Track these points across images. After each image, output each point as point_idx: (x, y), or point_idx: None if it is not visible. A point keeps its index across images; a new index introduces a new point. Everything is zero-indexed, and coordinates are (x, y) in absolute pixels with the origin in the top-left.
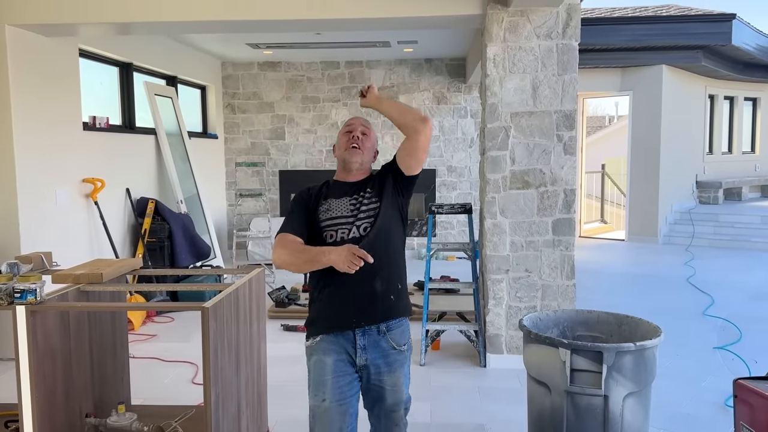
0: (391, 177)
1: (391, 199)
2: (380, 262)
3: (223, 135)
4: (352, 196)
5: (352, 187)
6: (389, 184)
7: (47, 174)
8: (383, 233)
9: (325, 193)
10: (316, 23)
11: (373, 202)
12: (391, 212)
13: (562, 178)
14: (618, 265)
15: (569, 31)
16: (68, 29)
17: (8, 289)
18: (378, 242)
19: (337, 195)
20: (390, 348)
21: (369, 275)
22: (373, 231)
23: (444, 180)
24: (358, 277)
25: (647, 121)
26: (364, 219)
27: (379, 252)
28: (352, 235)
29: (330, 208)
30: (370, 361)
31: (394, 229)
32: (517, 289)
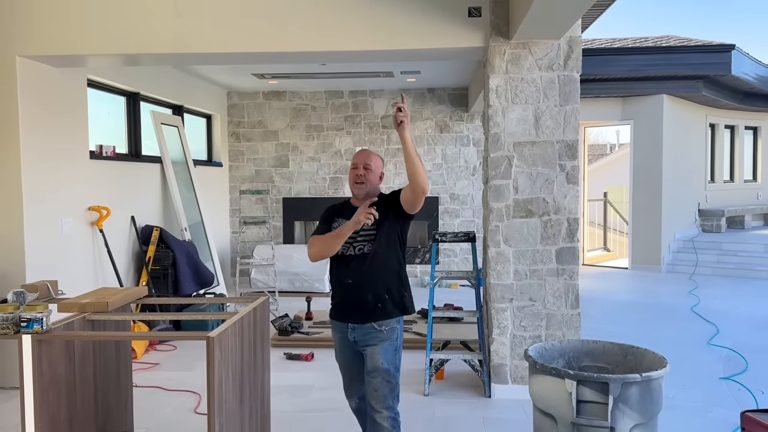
0: (393, 210)
1: (390, 227)
2: (372, 279)
3: (228, 163)
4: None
5: (357, 210)
6: (391, 215)
7: (53, 202)
8: (376, 258)
9: (340, 212)
10: (322, 55)
11: (372, 228)
12: (386, 239)
13: (565, 207)
14: (622, 294)
15: (570, 63)
16: (77, 60)
17: (14, 318)
18: (371, 264)
19: (347, 216)
20: (371, 328)
21: (363, 288)
22: (368, 257)
23: (447, 207)
24: (354, 292)
25: (649, 150)
26: (361, 241)
27: (370, 272)
28: (349, 252)
29: (338, 227)
30: (357, 338)
31: (387, 253)
32: (521, 318)
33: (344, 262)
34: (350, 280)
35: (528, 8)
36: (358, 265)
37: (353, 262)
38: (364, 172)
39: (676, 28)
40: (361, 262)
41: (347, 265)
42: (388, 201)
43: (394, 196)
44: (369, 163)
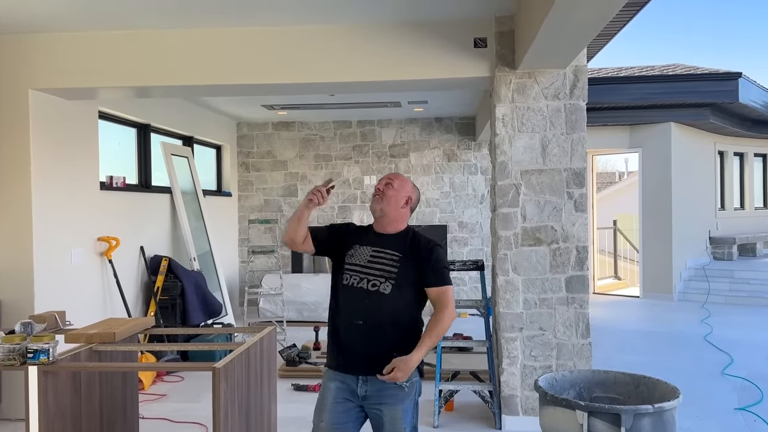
0: (419, 271)
1: (411, 277)
2: (389, 323)
3: (237, 193)
4: (375, 246)
5: (380, 239)
6: (414, 262)
7: (63, 233)
8: (395, 300)
9: (359, 236)
10: (330, 86)
11: (392, 266)
12: (406, 282)
13: (574, 235)
14: (633, 323)
15: (576, 92)
16: (88, 93)
17: (21, 349)
18: (389, 306)
19: (364, 242)
20: (390, 384)
21: (374, 337)
22: (385, 297)
23: (455, 236)
24: (364, 336)
25: (657, 178)
26: (377, 276)
27: (381, 309)
28: (360, 284)
29: (354, 254)
30: (369, 393)
31: (407, 298)
32: (531, 348)
33: (353, 296)
34: (361, 322)
35: (533, 39)
36: (371, 303)
37: (363, 298)
38: (384, 188)
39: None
40: (372, 301)
41: (356, 301)
42: (416, 249)
43: (423, 258)
44: (393, 180)
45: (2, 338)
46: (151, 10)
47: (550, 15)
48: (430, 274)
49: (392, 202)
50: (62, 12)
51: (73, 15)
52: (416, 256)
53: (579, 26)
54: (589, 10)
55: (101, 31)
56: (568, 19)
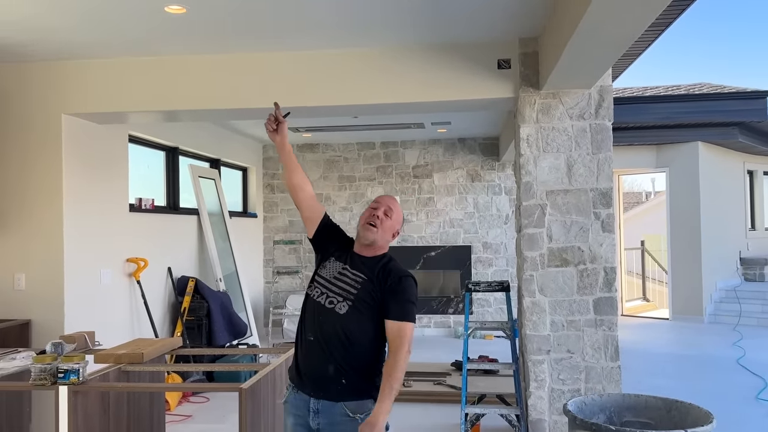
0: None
1: (374, 299)
2: (335, 349)
3: (263, 214)
4: (346, 264)
5: (353, 259)
6: (378, 290)
7: (93, 254)
8: (348, 322)
9: (338, 250)
10: (354, 108)
11: (353, 287)
12: (365, 310)
13: (601, 256)
14: (663, 346)
15: (602, 112)
16: (119, 117)
17: (52, 369)
18: (341, 327)
19: (339, 258)
20: (343, 415)
21: (323, 356)
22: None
23: (480, 256)
24: (314, 353)
25: (685, 198)
26: (336, 294)
27: (335, 329)
28: (319, 299)
29: (326, 266)
30: (321, 426)
31: (359, 325)
32: (559, 371)
33: (312, 311)
34: (312, 337)
35: (557, 60)
36: (324, 321)
37: (318, 314)
38: (383, 217)
39: (709, 76)
40: (325, 318)
41: (312, 315)
42: (383, 278)
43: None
44: (392, 208)
45: (34, 358)
46: (178, 36)
47: (574, 37)
48: (393, 304)
49: (387, 233)
50: (92, 40)
51: (103, 42)
52: (381, 282)
53: (603, 48)
54: (613, 32)
55: (130, 57)
56: (592, 41)
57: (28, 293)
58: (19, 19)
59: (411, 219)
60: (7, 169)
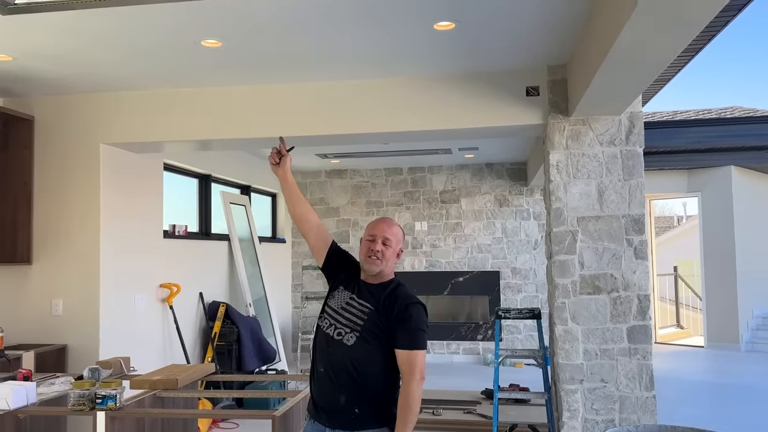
0: (389, 317)
1: (381, 329)
2: (344, 380)
3: (291, 239)
4: (353, 294)
5: (361, 288)
6: (385, 320)
7: (128, 280)
8: (356, 353)
9: (346, 278)
10: (384, 136)
11: (360, 317)
12: (373, 340)
13: (634, 283)
14: (698, 374)
15: (633, 138)
16: (155, 146)
17: (90, 394)
18: (346, 354)
19: (348, 287)
20: None
21: (334, 387)
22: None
23: (508, 282)
24: (326, 384)
25: (719, 223)
26: (344, 325)
27: (343, 361)
28: (328, 330)
29: (335, 296)
30: None
31: (368, 355)
32: (593, 401)
33: (321, 342)
34: (322, 369)
35: (586, 87)
36: (333, 353)
37: (326, 345)
38: (383, 249)
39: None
40: (334, 350)
41: (321, 346)
42: (390, 307)
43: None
44: (389, 237)
45: (73, 384)
46: (213, 69)
47: (603, 65)
48: (401, 333)
49: (391, 260)
50: (131, 73)
51: (141, 75)
52: (388, 310)
53: (633, 76)
54: (643, 60)
55: (167, 88)
56: (622, 70)
57: (65, 319)
58: (62, 53)
59: (439, 244)
60: (47, 197)
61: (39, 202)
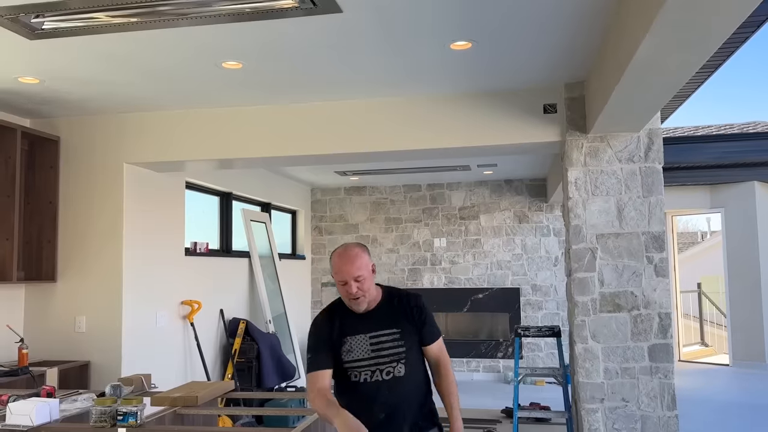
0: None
1: (414, 339)
2: (409, 406)
3: (310, 256)
4: (369, 333)
5: (367, 322)
6: (412, 327)
7: (150, 297)
8: (410, 380)
9: (340, 328)
10: (403, 153)
11: (397, 345)
12: (415, 355)
13: (655, 301)
14: (723, 393)
15: (652, 155)
16: (176, 166)
17: (112, 411)
18: (405, 388)
19: (352, 331)
20: None
21: (400, 424)
22: (401, 381)
23: (529, 299)
24: (391, 426)
25: (743, 239)
26: (387, 363)
27: (405, 398)
28: (375, 378)
29: (351, 349)
30: None
31: (418, 370)
32: (614, 420)
33: (370, 392)
34: (383, 415)
35: (604, 105)
36: (391, 392)
37: (383, 390)
38: (358, 285)
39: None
40: (392, 389)
41: (376, 396)
42: (409, 313)
43: (417, 319)
44: (358, 273)
45: (95, 401)
46: (233, 89)
47: (621, 83)
48: (427, 332)
49: (371, 287)
50: (153, 94)
51: (163, 96)
52: (410, 320)
53: (651, 93)
54: (661, 77)
55: (188, 109)
56: (640, 87)
57: (88, 335)
58: (85, 75)
59: (458, 261)
60: (72, 216)
61: (64, 221)
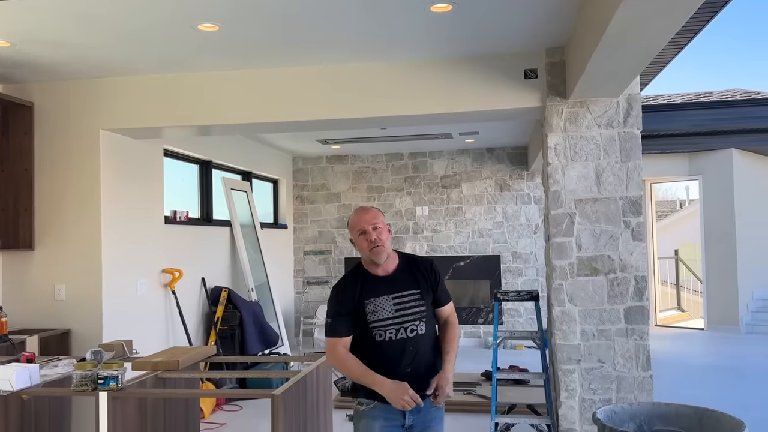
0: (429, 285)
1: (430, 300)
2: (427, 359)
3: (293, 225)
4: (391, 294)
5: (389, 284)
6: (429, 288)
7: (130, 265)
8: (427, 336)
9: (364, 290)
10: (382, 120)
11: (419, 305)
12: (430, 313)
13: (632, 265)
14: (698, 356)
15: (630, 120)
16: (154, 132)
17: (92, 375)
18: (425, 344)
19: (376, 293)
20: (431, 406)
21: (421, 377)
22: (423, 338)
23: (509, 266)
24: (414, 379)
25: (720, 206)
26: (410, 321)
27: (424, 352)
28: (399, 335)
29: (376, 310)
30: (416, 421)
31: (433, 327)
32: (590, 381)
33: (396, 350)
34: (409, 369)
35: (583, 69)
36: (414, 348)
37: (408, 346)
38: (377, 234)
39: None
40: (415, 345)
41: (402, 352)
42: (426, 276)
43: (434, 282)
44: (377, 222)
45: (75, 365)
46: (211, 53)
47: (599, 46)
48: (442, 294)
49: (388, 240)
50: (127, 58)
51: (138, 60)
52: (427, 282)
53: (629, 56)
54: (639, 40)
55: (165, 74)
56: (619, 50)
57: (68, 304)
58: (55, 38)
59: (440, 229)
60: (49, 184)
61: (40, 188)
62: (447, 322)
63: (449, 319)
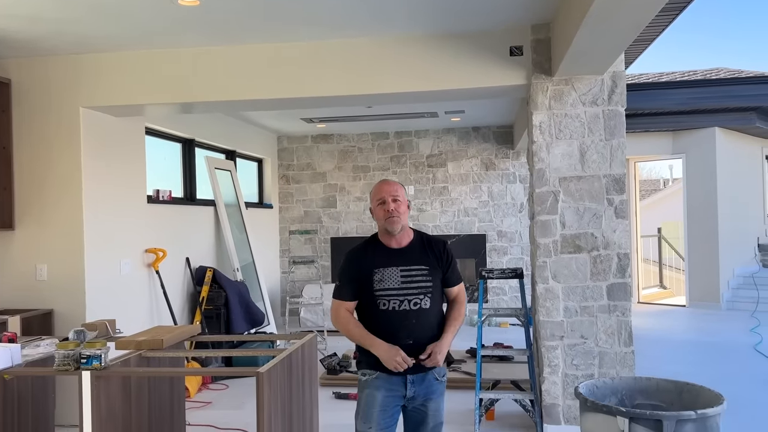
0: (440, 268)
1: (439, 279)
2: (430, 332)
3: (278, 204)
4: (400, 266)
5: (399, 257)
6: (438, 268)
7: (113, 245)
8: (432, 312)
9: (374, 259)
10: (367, 98)
11: (426, 280)
12: (438, 290)
13: (615, 242)
14: (679, 333)
15: (615, 98)
16: (135, 110)
17: (75, 355)
18: (428, 318)
19: (386, 264)
20: (433, 379)
21: (422, 346)
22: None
23: (494, 245)
24: (414, 351)
25: (702, 184)
26: (415, 294)
27: (428, 326)
28: (402, 306)
29: (383, 279)
30: (417, 393)
31: (439, 304)
32: (573, 357)
33: (397, 320)
34: (411, 341)
35: (568, 46)
36: (417, 321)
37: (410, 318)
38: (395, 206)
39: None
40: (418, 318)
41: (403, 323)
42: (438, 256)
43: (445, 262)
44: (397, 194)
45: (57, 344)
46: (192, 28)
47: (584, 22)
48: (452, 275)
49: (405, 215)
50: (106, 33)
51: (117, 35)
52: (438, 262)
53: (614, 33)
54: (624, 17)
55: (145, 50)
56: (603, 26)
57: (50, 283)
58: (31, 13)
59: (425, 208)
60: (28, 162)
61: (20, 167)
62: (456, 300)
63: (457, 299)
